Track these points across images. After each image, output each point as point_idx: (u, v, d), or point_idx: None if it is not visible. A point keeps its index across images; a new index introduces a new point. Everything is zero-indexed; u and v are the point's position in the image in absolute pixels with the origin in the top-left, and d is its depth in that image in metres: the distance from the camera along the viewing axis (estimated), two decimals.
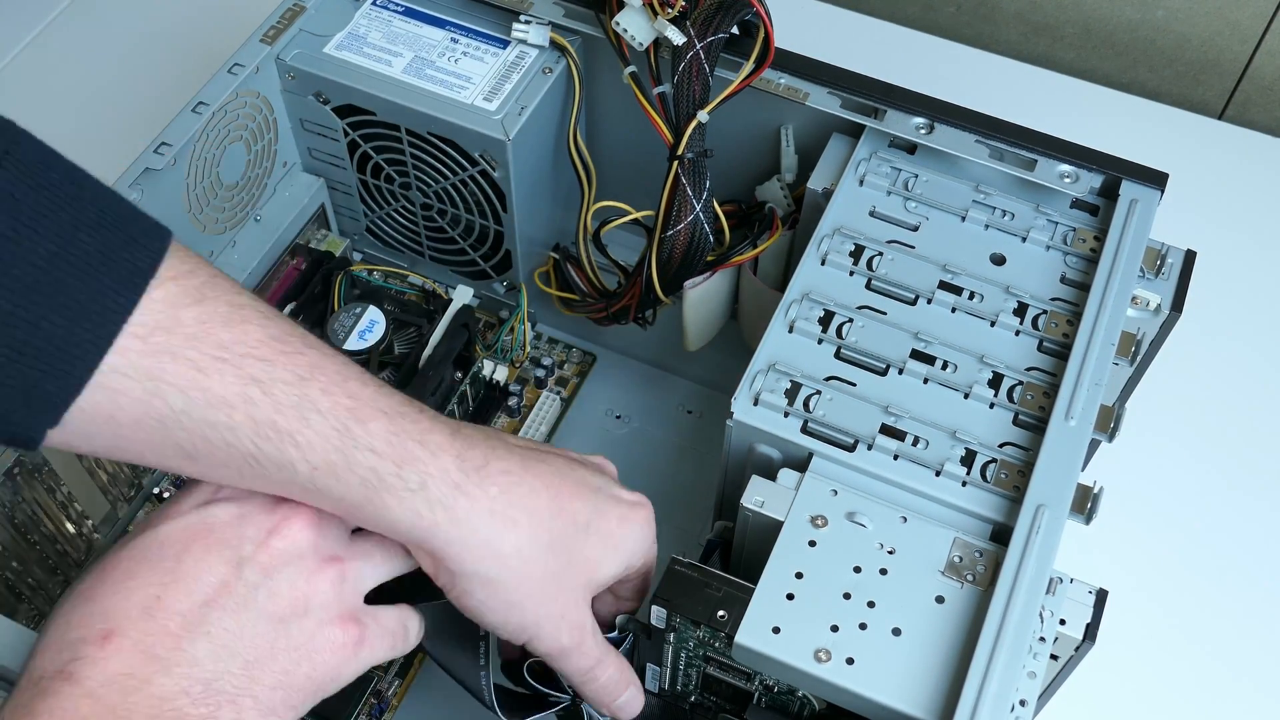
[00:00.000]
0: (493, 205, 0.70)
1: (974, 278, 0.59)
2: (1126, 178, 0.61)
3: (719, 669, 0.55)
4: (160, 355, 0.42)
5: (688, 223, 0.63)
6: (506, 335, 0.77)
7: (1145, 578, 0.73)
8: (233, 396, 0.43)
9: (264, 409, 0.43)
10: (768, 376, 0.56)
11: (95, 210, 0.42)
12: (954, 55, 0.99)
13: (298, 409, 0.44)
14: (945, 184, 0.62)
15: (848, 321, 0.57)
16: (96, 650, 0.41)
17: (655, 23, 0.62)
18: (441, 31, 0.70)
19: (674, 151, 0.62)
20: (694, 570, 0.52)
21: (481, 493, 0.47)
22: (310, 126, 0.72)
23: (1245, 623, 0.72)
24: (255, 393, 0.43)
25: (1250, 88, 0.99)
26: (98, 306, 0.41)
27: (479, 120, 0.66)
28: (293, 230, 0.74)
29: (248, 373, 0.43)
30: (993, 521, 0.52)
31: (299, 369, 0.44)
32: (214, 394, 0.43)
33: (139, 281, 0.42)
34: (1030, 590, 0.49)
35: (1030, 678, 0.49)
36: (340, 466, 0.45)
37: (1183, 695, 0.70)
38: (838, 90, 0.64)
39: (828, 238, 0.60)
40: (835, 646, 0.49)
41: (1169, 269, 0.60)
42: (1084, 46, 1.01)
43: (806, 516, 0.52)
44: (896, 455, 0.54)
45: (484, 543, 0.48)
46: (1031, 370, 0.56)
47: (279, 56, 0.68)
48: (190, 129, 0.64)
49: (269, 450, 0.44)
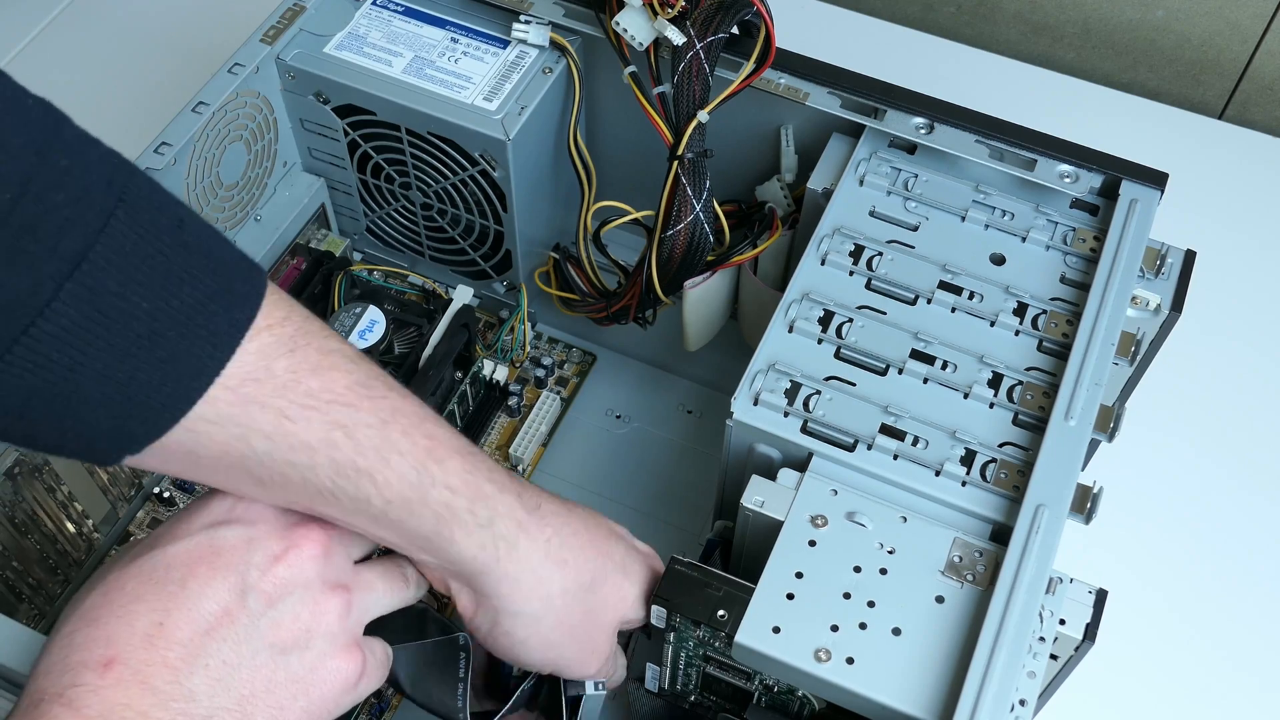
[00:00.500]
0: (493, 205, 0.70)
1: (974, 278, 0.59)
2: (1126, 178, 0.61)
3: (719, 668, 0.55)
4: (249, 405, 0.42)
5: (688, 223, 0.63)
6: (506, 335, 0.77)
7: (1145, 578, 0.73)
8: (316, 441, 0.44)
9: (345, 451, 0.44)
10: (768, 376, 0.56)
11: (198, 256, 0.42)
12: (954, 55, 0.99)
13: (379, 451, 0.45)
14: (945, 184, 0.62)
15: (848, 321, 0.57)
16: (97, 678, 0.41)
17: (655, 23, 0.62)
18: (441, 31, 0.70)
19: (674, 151, 0.62)
20: (694, 570, 0.52)
21: (539, 532, 0.50)
22: (310, 126, 0.72)
23: (1246, 622, 0.72)
24: (339, 436, 0.44)
25: (1250, 88, 0.99)
26: (194, 363, 0.41)
27: (479, 120, 0.66)
28: (293, 230, 0.74)
29: (333, 419, 0.44)
30: (992, 521, 0.52)
31: (382, 413, 0.46)
32: (299, 439, 0.44)
33: (235, 335, 0.42)
34: (1030, 590, 0.49)
35: (1030, 677, 0.49)
36: (416, 502, 0.46)
37: (1183, 695, 0.70)
38: (838, 90, 0.64)
39: (828, 238, 0.60)
40: (835, 646, 0.49)
41: (1169, 269, 0.60)
42: (1084, 46, 1.01)
43: (806, 516, 0.52)
44: (896, 455, 0.54)
45: (537, 581, 0.50)
46: (1031, 370, 0.56)
47: (279, 56, 0.68)
48: (190, 129, 0.64)
49: (345, 487, 0.45)
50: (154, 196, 0.41)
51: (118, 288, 0.39)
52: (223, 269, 0.42)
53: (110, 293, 0.39)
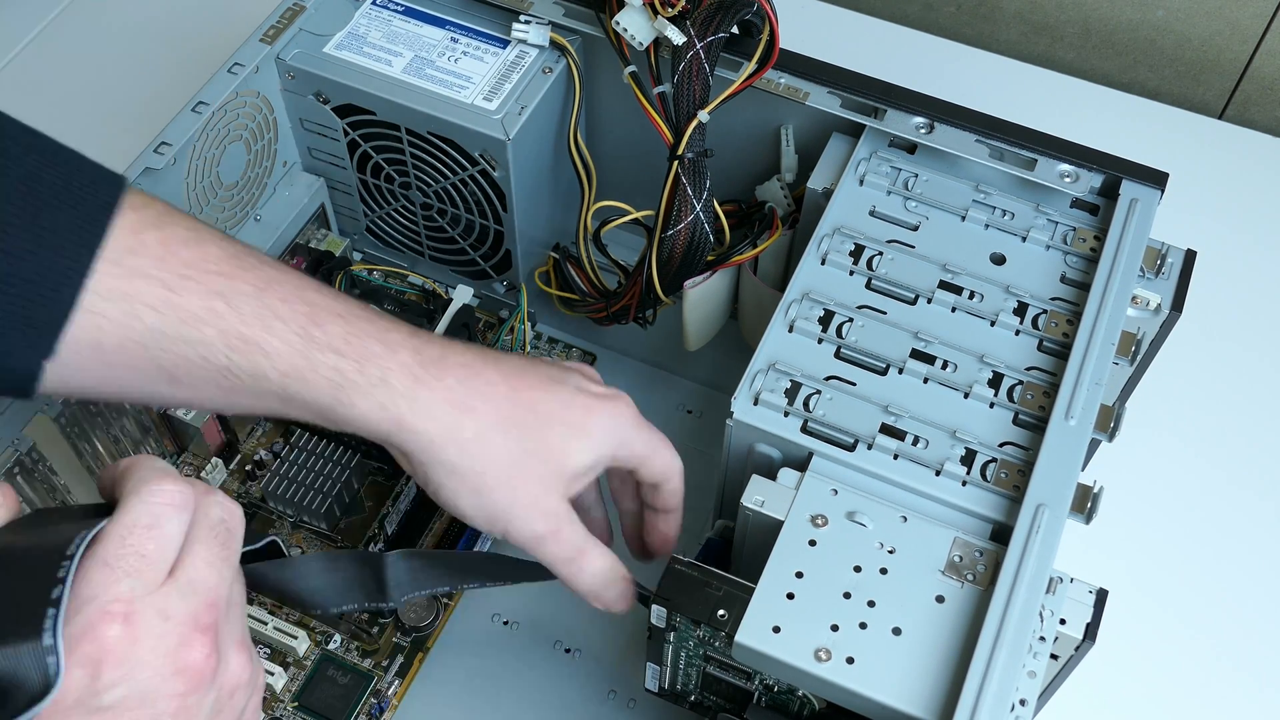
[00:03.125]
0: (493, 205, 0.70)
1: (974, 277, 0.59)
2: (1126, 177, 0.61)
3: (719, 668, 0.55)
4: (133, 278, 0.45)
5: (688, 222, 0.63)
6: (506, 335, 0.77)
7: (1145, 577, 0.73)
8: (200, 311, 0.46)
9: (230, 320, 0.47)
10: (768, 376, 0.56)
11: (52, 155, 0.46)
12: (954, 55, 0.99)
13: (260, 318, 0.47)
14: (945, 183, 0.62)
15: (848, 321, 0.57)
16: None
17: (655, 22, 0.62)
18: (441, 31, 0.70)
19: (674, 151, 0.62)
20: (694, 569, 0.52)
21: (439, 383, 0.50)
22: (310, 126, 0.72)
23: (1246, 622, 0.72)
24: (220, 305, 0.47)
25: (1250, 88, 0.99)
26: (72, 236, 0.44)
27: (479, 120, 0.66)
28: (293, 230, 0.74)
29: (211, 287, 0.47)
30: (993, 521, 0.52)
31: (257, 281, 0.48)
32: (184, 310, 0.46)
33: (105, 213, 0.45)
34: (1030, 590, 0.49)
35: (1030, 677, 0.49)
36: (306, 370, 0.48)
37: (1183, 695, 0.70)
38: (838, 90, 0.64)
39: (828, 237, 0.60)
40: (835, 646, 0.49)
41: (1169, 269, 0.60)
42: (1084, 46, 1.01)
43: (806, 516, 0.52)
44: (896, 455, 0.54)
45: (444, 429, 0.50)
46: (1031, 370, 0.56)
47: (279, 56, 0.68)
48: (190, 128, 0.64)
49: (240, 362, 0.47)
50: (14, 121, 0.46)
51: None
52: (78, 161, 0.46)
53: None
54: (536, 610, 0.69)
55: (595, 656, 0.68)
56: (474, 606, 0.69)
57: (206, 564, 0.43)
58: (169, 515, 0.42)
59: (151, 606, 0.41)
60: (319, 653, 0.66)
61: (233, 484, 0.70)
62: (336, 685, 0.65)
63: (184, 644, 0.41)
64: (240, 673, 0.44)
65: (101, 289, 0.45)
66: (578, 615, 0.68)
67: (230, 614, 0.44)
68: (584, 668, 0.68)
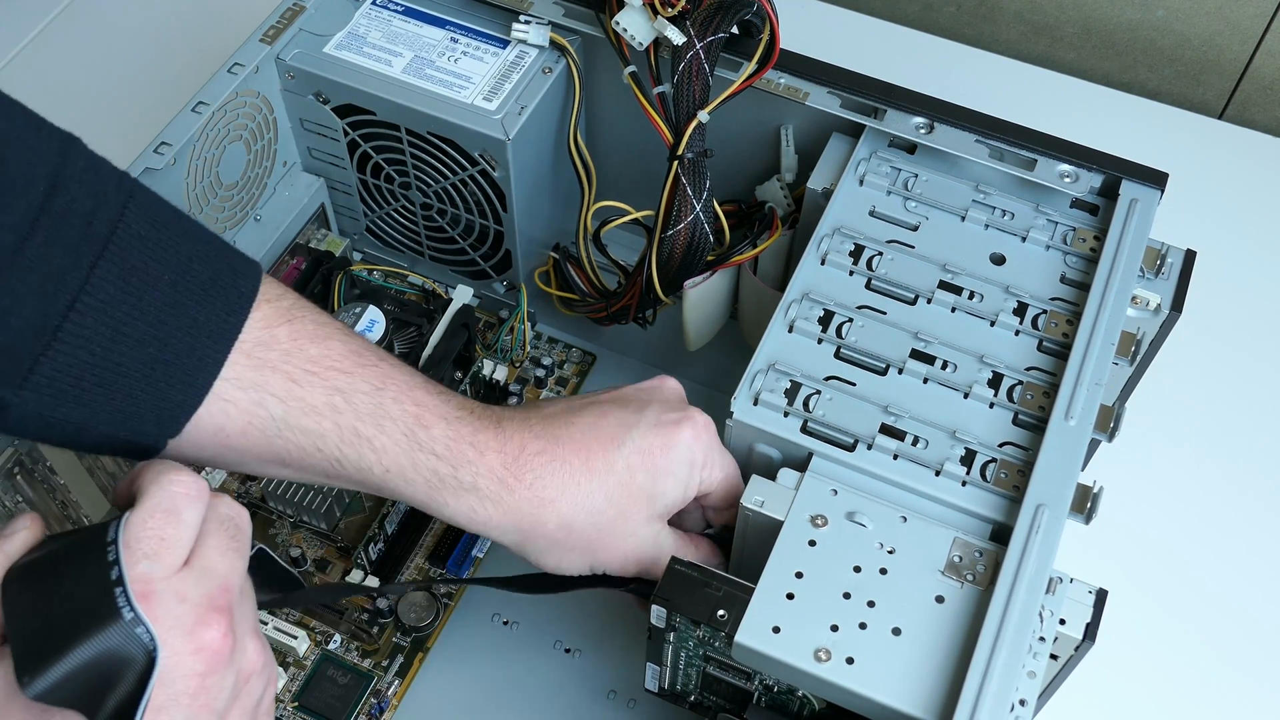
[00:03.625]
0: (493, 205, 0.70)
1: (974, 277, 0.59)
2: (1126, 177, 0.61)
3: (719, 668, 0.55)
4: (263, 369, 0.48)
5: (688, 222, 0.63)
6: (506, 335, 0.77)
7: (1145, 577, 0.73)
8: (321, 405, 0.49)
9: (347, 416, 0.49)
10: (768, 376, 0.56)
11: (202, 244, 0.47)
12: (954, 55, 0.99)
13: (373, 416, 0.50)
14: (945, 184, 0.62)
15: (847, 321, 0.57)
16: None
17: (655, 22, 0.62)
18: (441, 31, 0.70)
19: (674, 151, 0.62)
20: (694, 570, 0.52)
21: (519, 483, 0.52)
22: (310, 126, 0.72)
23: (1246, 622, 0.72)
24: (339, 401, 0.49)
25: (1250, 88, 0.99)
26: (215, 326, 0.47)
27: (479, 120, 0.66)
28: (293, 230, 0.74)
29: (333, 385, 0.49)
30: (992, 521, 0.52)
31: (374, 380, 0.50)
32: (306, 403, 0.48)
33: (244, 304, 0.48)
34: (1030, 590, 0.49)
35: (1030, 677, 0.49)
36: (409, 469, 0.51)
37: (1183, 695, 0.70)
38: (838, 90, 0.64)
39: (828, 237, 0.60)
40: (835, 646, 0.49)
41: (1169, 269, 0.60)
42: (1084, 46, 1.01)
43: (806, 516, 0.52)
44: (896, 455, 0.54)
45: (533, 525, 0.53)
46: (1031, 370, 0.56)
47: (279, 56, 0.68)
48: (190, 129, 0.64)
49: (350, 454, 0.50)
50: (156, 196, 0.47)
51: (141, 262, 0.44)
52: (222, 251, 0.48)
53: (136, 267, 0.44)
54: (536, 610, 0.69)
55: (595, 656, 0.68)
56: (474, 606, 0.69)
57: (219, 553, 0.44)
58: (186, 503, 0.44)
59: (169, 588, 0.42)
60: (319, 653, 0.66)
61: (233, 484, 0.70)
62: (336, 685, 0.65)
63: (201, 623, 0.42)
64: (255, 658, 0.45)
65: (234, 377, 0.47)
66: (578, 615, 0.68)
67: (243, 602, 0.46)
68: (584, 668, 0.68)
